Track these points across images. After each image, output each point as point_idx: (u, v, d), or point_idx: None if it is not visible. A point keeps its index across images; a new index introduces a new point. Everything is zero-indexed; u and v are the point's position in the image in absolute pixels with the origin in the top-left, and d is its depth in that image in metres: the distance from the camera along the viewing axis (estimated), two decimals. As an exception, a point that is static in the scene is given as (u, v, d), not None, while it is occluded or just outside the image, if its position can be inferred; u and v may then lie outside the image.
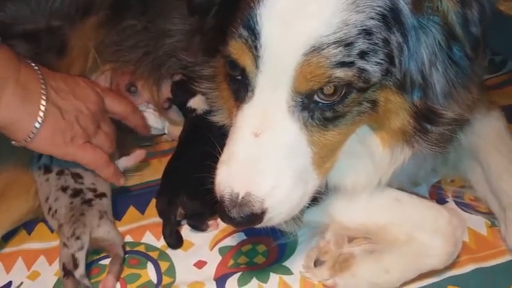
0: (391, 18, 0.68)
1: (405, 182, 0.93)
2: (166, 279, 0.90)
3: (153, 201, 1.06)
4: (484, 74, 0.95)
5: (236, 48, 0.69)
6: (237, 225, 0.73)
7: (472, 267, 0.88)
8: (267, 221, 0.72)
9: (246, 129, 0.70)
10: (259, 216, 0.70)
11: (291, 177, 0.70)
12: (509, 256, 0.89)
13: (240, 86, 0.73)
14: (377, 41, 0.68)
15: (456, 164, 1.05)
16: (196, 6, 0.83)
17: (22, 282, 0.92)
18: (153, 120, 1.19)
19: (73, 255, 0.88)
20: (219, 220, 0.98)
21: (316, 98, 0.69)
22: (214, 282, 0.88)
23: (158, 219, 1.01)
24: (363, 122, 0.76)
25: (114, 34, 1.18)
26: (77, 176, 0.99)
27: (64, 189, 0.97)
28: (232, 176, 0.70)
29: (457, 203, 1.01)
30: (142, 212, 1.05)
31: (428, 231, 0.83)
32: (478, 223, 0.96)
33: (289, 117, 0.70)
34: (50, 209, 0.97)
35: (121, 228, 1.00)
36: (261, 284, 0.87)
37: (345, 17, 0.66)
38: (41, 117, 0.88)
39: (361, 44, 0.66)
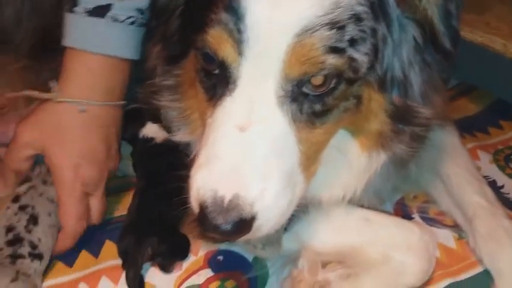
0: (378, 7, 0.67)
1: (372, 199, 0.91)
2: (128, 329, 0.81)
3: (108, 243, 0.98)
4: (449, 79, 0.95)
5: (215, 37, 0.63)
6: (223, 234, 0.63)
7: (447, 282, 0.87)
8: (255, 230, 0.64)
9: (229, 125, 0.63)
10: (248, 222, 0.62)
11: (280, 178, 0.64)
12: (480, 267, 0.89)
13: (217, 81, 0.67)
14: (365, 29, 0.66)
15: (417, 180, 1.06)
16: (161, 8, 0.77)
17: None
18: None
19: None
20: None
21: (305, 89, 0.65)
22: (184, 326, 0.80)
23: (114, 262, 0.92)
24: (344, 124, 0.73)
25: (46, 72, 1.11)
26: (33, 220, 0.89)
27: (9, 230, 0.87)
28: (215, 177, 0.62)
29: (422, 218, 1.01)
30: (96, 255, 0.96)
31: (401, 250, 0.82)
32: (446, 237, 0.96)
33: (278, 109, 0.64)
34: None
35: (74, 275, 0.91)
36: (235, 321, 0.81)
37: None
38: None
39: (352, 30, 0.64)
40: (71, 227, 0.92)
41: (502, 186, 1.09)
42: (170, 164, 1.02)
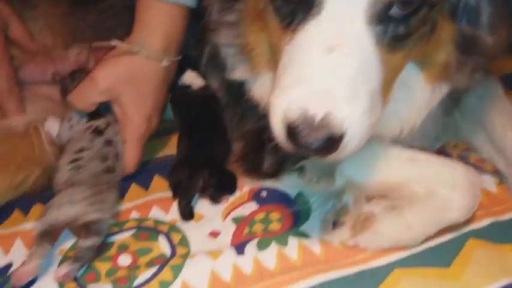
0: None
1: (418, 142, 0.92)
2: (180, 250, 0.85)
3: (156, 177, 1.02)
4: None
5: None
6: (314, 152, 0.64)
7: (489, 221, 0.88)
8: (342, 149, 0.65)
9: (316, 47, 0.64)
10: (337, 140, 0.64)
11: (367, 99, 0.65)
12: (523, 209, 0.90)
13: (297, 7, 0.67)
14: None
15: (458, 129, 1.07)
16: None
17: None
18: None
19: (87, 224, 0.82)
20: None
21: (392, 11, 0.65)
22: (233, 248, 0.84)
23: (164, 194, 0.97)
24: (417, 53, 0.73)
25: (92, 16, 1.13)
26: (116, 156, 0.95)
27: (104, 159, 0.94)
28: (305, 97, 0.63)
29: (464, 165, 1.02)
30: (146, 188, 1.01)
31: (446, 186, 0.83)
32: (487, 181, 0.97)
33: (366, 31, 0.65)
34: (75, 160, 0.92)
35: (126, 205, 0.96)
36: (281, 247, 0.84)
37: None
38: None
39: None
40: (133, 168, 0.99)
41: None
42: (206, 109, 1.06)
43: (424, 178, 0.85)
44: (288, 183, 0.96)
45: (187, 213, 0.91)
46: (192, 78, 1.09)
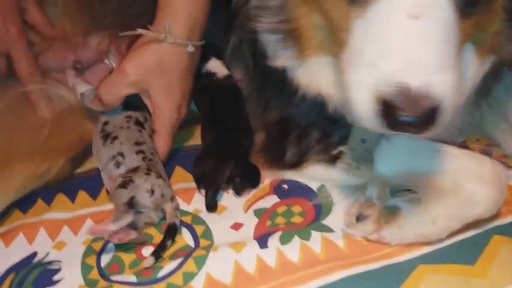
0: None
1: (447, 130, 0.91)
2: (203, 242, 0.86)
3: (178, 167, 1.02)
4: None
5: None
6: (411, 127, 0.61)
7: (513, 217, 0.88)
8: (440, 121, 0.62)
9: (400, 15, 0.61)
10: (436, 112, 0.60)
11: (456, 68, 0.62)
12: (547, 207, 0.90)
13: None
14: None
15: (480, 124, 1.05)
16: None
17: (48, 253, 0.85)
18: None
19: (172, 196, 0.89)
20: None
21: None
22: (256, 241, 0.84)
23: (186, 185, 0.97)
24: (478, 24, 0.71)
25: (113, 2, 1.12)
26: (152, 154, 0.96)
27: (139, 123, 0.97)
28: (400, 68, 0.60)
29: (486, 160, 1.01)
30: (168, 177, 1.00)
31: (473, 179, 0.82)
32: (510, 177, 0.96)
33: None
34: (110, 133, 0.95)
35: (147, 196, 0.96)
36: (304, 241, 0.84)
37: None
38: None
39: None
40: (165, 154, 0.99)
41: None
42: (231, 99, 1.06)
43: (449, 170, 0.84)
44: (310, 175, 0.96)
45: (214, 203, 0.91)
46: (217, 67, 1.08)
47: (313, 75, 0.82)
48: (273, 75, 0.99)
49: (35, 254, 0.86)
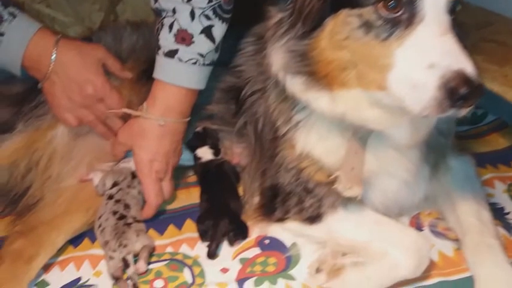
0: None
1: (394, 212, 1.20)
2: (198, 280, 1.16)
3: (188, 220, 1.34)
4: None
5: None
6: (470, 98, 0.87)
7: (438, 279, 1.11)
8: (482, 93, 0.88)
9: (435, 35, 0.91)
10: (481, 86, 0.87)
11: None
12: (469, 273, 1.11)
13: (395, 23, 0.92)
14: None
15: (435, 199, 1.30)
16: None
17: (89, 279, 1.19)
18: None
19: (124, 258, 1.15)
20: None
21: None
22: (236, 283, 1.14)
23: (192, 234, 1.29)
24: None
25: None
26: (126, 206, 1.28)
27: (114, 213, 1.25)
28: (452, 62, 0.87)
29: (432, 231, 1.24)
30: (179, 228, 1.33)
31: (398, 248, 1.08)
32: (447, 247, 1.19)
33: (449, 19, 0.93)
34: (100, 225, 1.24)
35: (163, 241, 1.28)
36: (272, 286, 1.13)
37: None
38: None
39: None
40: (152, 200, 1.31)
41: (508, 213, 1.29)
42: (218, 175, 1.40)
43: (381, 240, 1.11)
44: (288, 229, 1.24)
45: (215, 254, 1.22)
46: (203, 153, 1.44)
47: (350, 101, 1.02)
48: (268, 151, 1.32)
49: (79, 279, 1.20)
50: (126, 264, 1.15)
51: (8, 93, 1.45)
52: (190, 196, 1.43)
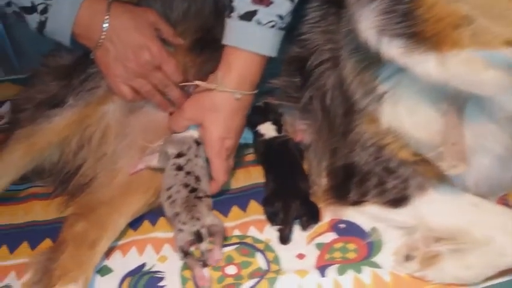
0: None
1: (483, 192, 1.07)
2: (273, 267, 1.06)
3: (252, 201, 1.24)
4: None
5: None
6: None
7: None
8: None
9: None
10: None
11: None
12: None
13: None
14: None
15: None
16: None
17: (154, 264, 1.10)
18: None
19: (198, 232, 1.08)
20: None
21: None
22: (317, 270, 1.04)
23: (259, 217, 1.19)
24: None
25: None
26: (197, 179, 1.18)
27: (186, 185, 1.16)
28: None
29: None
30: (244, 210, 1.23)
31: (503, 233, 0.96)
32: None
33: None
34: (170, 197, 1.15)
35: (228, 223, 1.18)
36: (356, 274, 1.03)
37: None
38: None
39: None
40: (221, 178, 1.21)
41: None
42: (282, 153, 1.29)
43: (484, 224, 0.99)
44: (367, 214, 1.13)
45: (288, 239, 1.12)
46: (266, 129, 1.32)
47: (454, 68, 0.88)
48: (339, 127, 1.20)
49: (144, 265, 1.11)
50: (199, 238, 1.08)
51: (55, 65, 1.35)
52: (250, 176, 1.33)
